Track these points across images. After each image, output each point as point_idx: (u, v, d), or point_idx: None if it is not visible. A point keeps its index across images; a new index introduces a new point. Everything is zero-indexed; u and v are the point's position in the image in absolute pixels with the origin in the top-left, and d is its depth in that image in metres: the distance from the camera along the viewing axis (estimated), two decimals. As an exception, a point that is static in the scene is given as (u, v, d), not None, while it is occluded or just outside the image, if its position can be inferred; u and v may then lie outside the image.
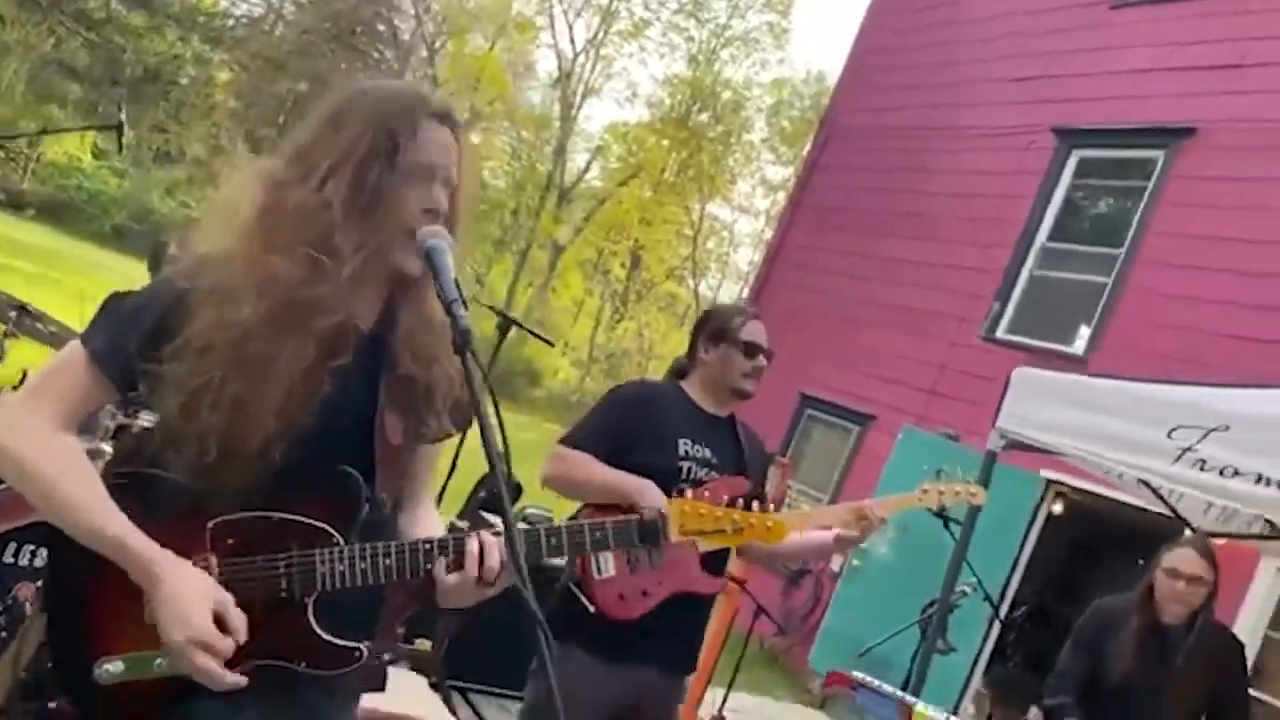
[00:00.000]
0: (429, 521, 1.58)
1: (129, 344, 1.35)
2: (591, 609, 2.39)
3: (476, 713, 4.45)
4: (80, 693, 1.37)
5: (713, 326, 2.68)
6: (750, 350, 2.63)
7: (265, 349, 1.34)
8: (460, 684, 4.45)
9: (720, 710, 5.55)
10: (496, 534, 1.40)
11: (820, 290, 9.88)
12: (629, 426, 2.56)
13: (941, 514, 2.79)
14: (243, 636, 1.31)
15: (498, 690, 4.64)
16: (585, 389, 25.45)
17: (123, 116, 4.07)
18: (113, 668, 1.34)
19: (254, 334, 1.34)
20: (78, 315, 4.19)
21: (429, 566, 1.40)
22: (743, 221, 35.97)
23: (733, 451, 2.64)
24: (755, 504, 1.80)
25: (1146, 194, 7.73)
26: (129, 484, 1.36)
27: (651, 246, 27.03)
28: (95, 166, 20.72)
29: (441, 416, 1.52)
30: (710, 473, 2.56)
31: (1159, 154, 7.75)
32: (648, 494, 2.42)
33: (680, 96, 27.51)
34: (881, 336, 9.01)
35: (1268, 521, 4.72)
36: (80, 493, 1.32)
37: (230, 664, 1.31)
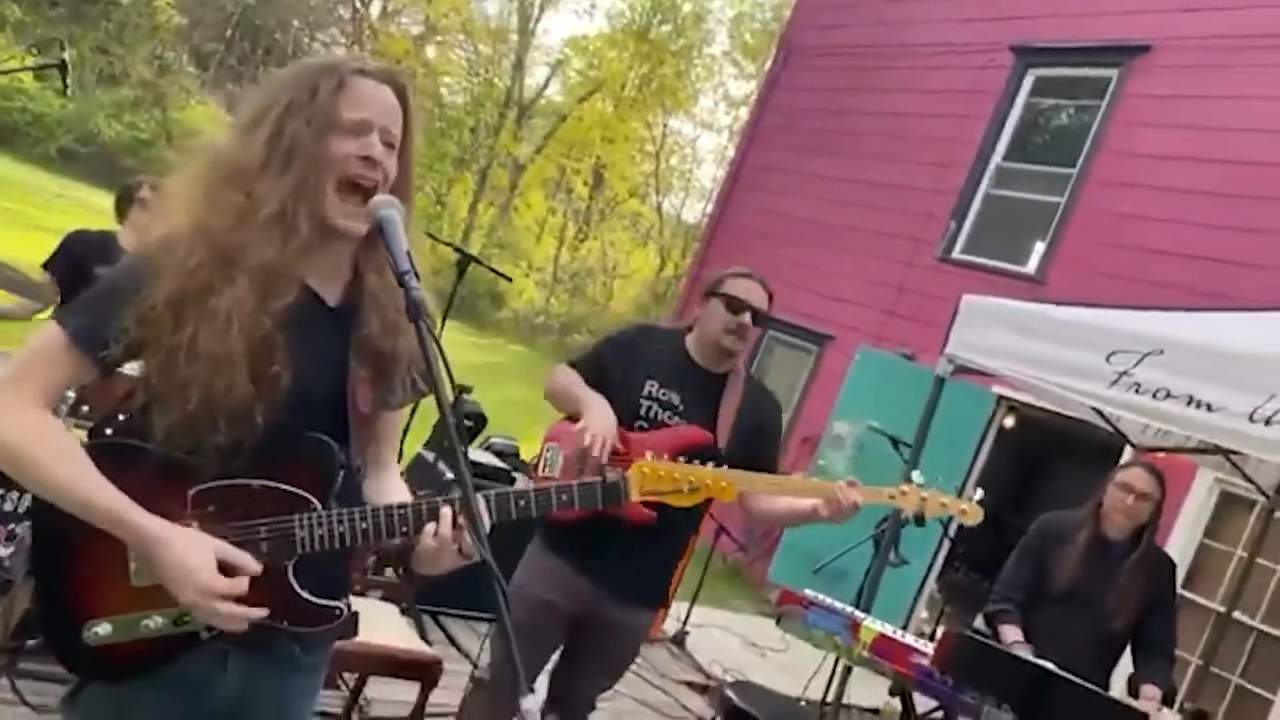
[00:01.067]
0: (394, 485, 1.66)
1: (106, 319, 1.40)
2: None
3: (448, 635, 4.63)
4: (70, 654, 1.45)
5: (709, 282, 2.78)
6: (733, 305, 2.66)
7: (219, 297, 1.41)
8: (430, 608, 4.61)
9: (685, 624, 5.80)
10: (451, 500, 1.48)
11: (779, 211, 9.91)
12: (610, 359, 2.74)
13: (921, 523, 2.67)
14: (254, 569, 1.40)
15: (466, 613, 4.84)
16: (550, 310, 25.41)
17: (65, 56, 3.94)
18: (101, 630, 1.42)
19: (211, 283, 1.41)
20: (39, 247, 4.15)
21: (404, 530, 1.48)
22: (705, 137, 35.51)
23: (708, 407, 2.67)
24: (710, 463, 1.92)
25: (1100, 112, 7.81)
26: (109, 453, 1.42)
27: (614, 164, 26.71)
28: (38, 89, 19.97)
29: (407, 384, 1.59)
30: (672, 416, 2.65)
31: (1113, 72, 7.80)
32: (592, 411, 2.56)
33: (640, 8, 26.90)
34: (839, 257, 9.10)
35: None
36: (73, 471, 1.38)
37: None
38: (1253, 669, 5.86)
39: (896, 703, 3.40)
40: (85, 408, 3.62)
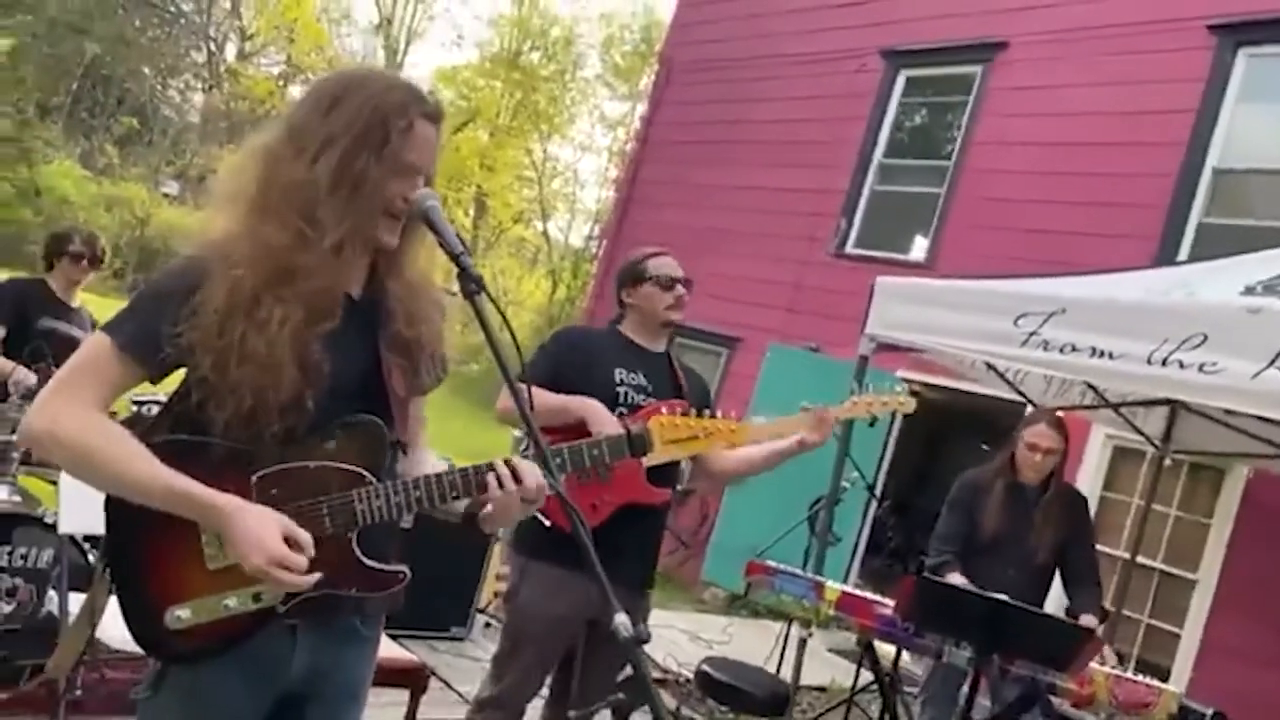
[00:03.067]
0: (430, 462, 1.76)
1: (161, 325, 1.47)
2: (547, 524, 2.59)
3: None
4: (153, 640, 1.51)
5: (628, 273, 2.94)
6: (666, 284, 2.89)
7: (267, 311, 1.49)
8: (391, 631, 4.61)
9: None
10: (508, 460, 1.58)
11: (676, 223, 10.17)
12: (568, 361, 2.80)
13: (873, 423, 2.95)
14: (312, 551, 1.47)
15: (425, 633, 4.86)
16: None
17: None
18: (183, 614, 1.48)
19: (259, 297, 1.48)
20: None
21: (454, 495, 1.58)
22: (586, 160, 35.77)
23: (669, 381, 2.90)
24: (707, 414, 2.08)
25: (968, 107, 8.35)
26: (175, 450, 1.48)
27: (496, 192, 26.70)
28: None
29: (431, 369, 1.70)
30: (646, 398, 2.82)
31: (977, 69, 8.36)
32: (597, 411, 2.66)
33: (509, 36, 27.05)
34: (738, 263, 9.41)
35: (1097, 394, 5.37)
36: (140, 464, 1.44)
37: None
38: (1159, 608, 6.34)
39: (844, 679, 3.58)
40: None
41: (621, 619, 1.26)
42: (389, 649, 3.16)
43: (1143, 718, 3.05)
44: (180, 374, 1.54)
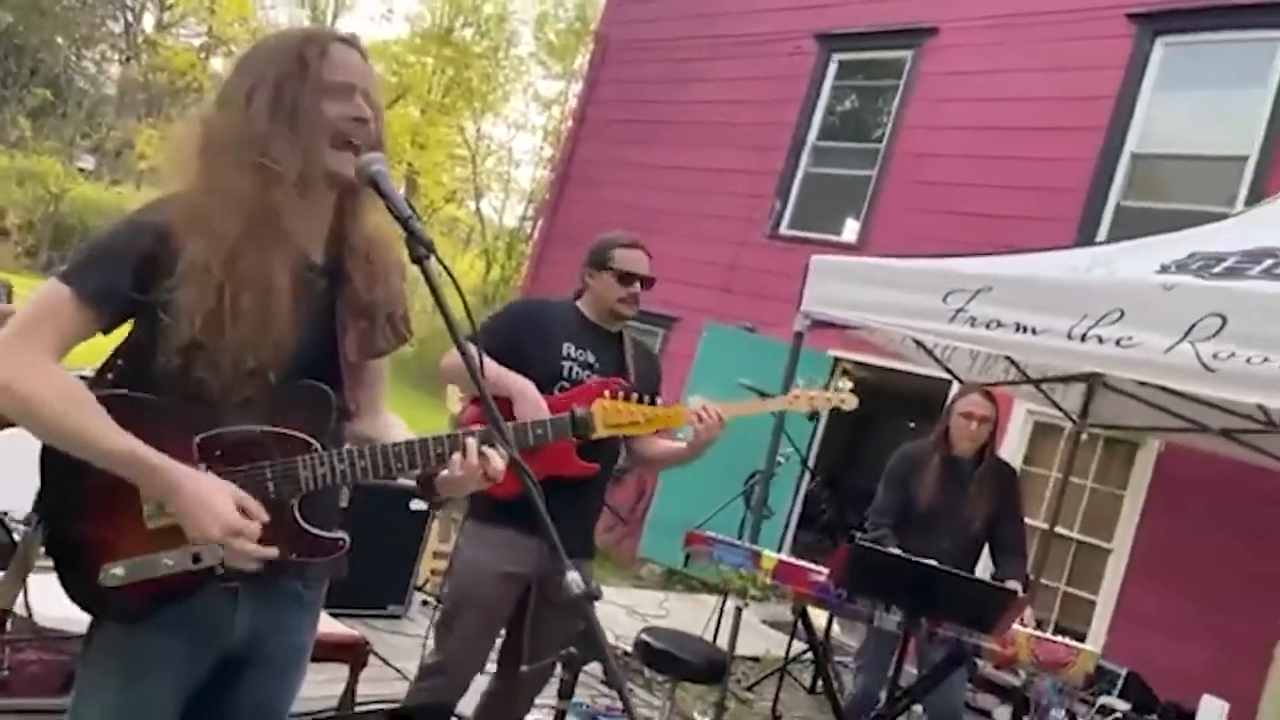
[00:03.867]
0: (393, 425, 1.76)
1: (121, 280, 1.45)
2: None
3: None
4: (87, 596, 1.50)
5: (596, 254, 2.99)
6: (624, 279, 2.94)
7: (256, 261, 1.49)
8: (328, 609, 4.58)
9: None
10: (469, 434, 1.60)
11: (613, 203, 10.18)
12: (520, 330, 2.86)
13: (812, 417, 3.01)
14: (266, 518, 1.47)
15: (363, 611, 4.83)
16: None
17: None
18: (117, 570, 1.47)
19: (241, 249, 1.48)
20: None
21: (399, 466, 1.59)
22: (521, 139, 35.42)
23: (616, 359, 2.95)
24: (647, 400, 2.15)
25: (899, 91, 8.51)
26: (117, 404, 1.46)
27: (427, 170, 26.29)
28: None
29: (389, 332, 1.71)
30: (590, 374, 2.87)
31: (908, 53, 8.51)
32: (526, 395, 2.69)
33: (441, 12, 26.61)
34: (674, 243, 9.41)
35: (1019, 370, 5.56)
36: (92, 420, 1.42)
37: None
38: (1075, 576, 6.61)
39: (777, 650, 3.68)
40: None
41: (573, 575, 1.29)
42: (328, 624, 3.15)
43: (1062, 676, 3.19)
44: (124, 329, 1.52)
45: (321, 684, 3.28)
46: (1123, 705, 4.60)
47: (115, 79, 28.69)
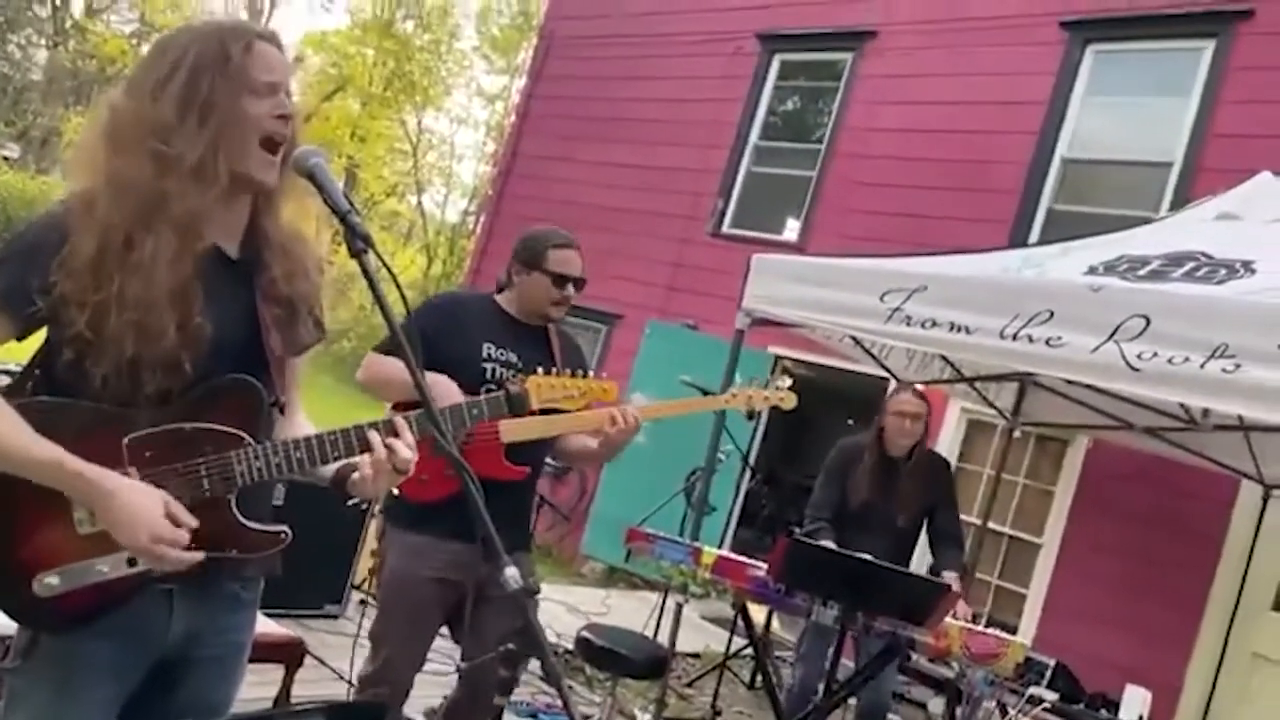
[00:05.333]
0: (304, 425, 1.74)
1: (29, 279, 1.41)
2: (395, 491, 2.55)
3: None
4: (22, 609, 1.46)
5: (527, 252, 2.86)
6: (559, 281, 2.83)
7: (149, 250, 1.45)
8: (263, 609, 4.50)
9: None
10: (373, 425, 1.58)
11: (557, 198, 10.14)
12: (435, 330, 2.70)
13: (751, 416, 2.99)
14: (194, 523, 1.44)
15: (298, 611, 4.76)
16: (313, 317, 24.23)
17: None
18: (51, 580, 1.43)
19: (131, 236, 1.45)
20: None
21: (336, 455, 1.57)
22: (463, 133, 35.08)
23: (544, 355, 2.82)
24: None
25: (839, 92, 8.62)
26: (38, 411, 1.42)
27: (368, 163, 25.92)
28: None
29: (309, 328, 1.68)
30: (514, 375, 2.76)
31: (848, 55, 8.63)
32: (451, 398, 2.59)
33: (382, 3, 26.22)
34: (618, 240, 9.45)
35: (954, 369, 5.68)
36: (11, 430, 1.38)
37: None
38: (1007, 570, 6.77)
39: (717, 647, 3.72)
40: None
41: (512, 572, 1.29)
42: (263, 624, 3.08)
43: (992, 668, 3.27)
44: (40, 336, 1.48)
45: (256, 685, 3.22)
46: (1051, 695, 4.71)
47: (41, 65, 27.76)
